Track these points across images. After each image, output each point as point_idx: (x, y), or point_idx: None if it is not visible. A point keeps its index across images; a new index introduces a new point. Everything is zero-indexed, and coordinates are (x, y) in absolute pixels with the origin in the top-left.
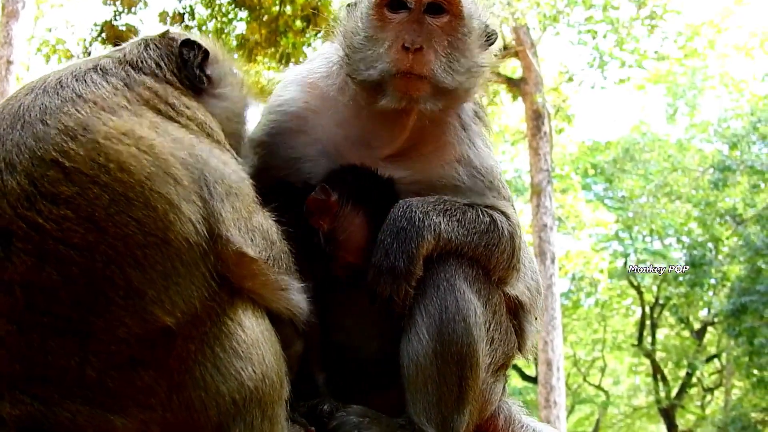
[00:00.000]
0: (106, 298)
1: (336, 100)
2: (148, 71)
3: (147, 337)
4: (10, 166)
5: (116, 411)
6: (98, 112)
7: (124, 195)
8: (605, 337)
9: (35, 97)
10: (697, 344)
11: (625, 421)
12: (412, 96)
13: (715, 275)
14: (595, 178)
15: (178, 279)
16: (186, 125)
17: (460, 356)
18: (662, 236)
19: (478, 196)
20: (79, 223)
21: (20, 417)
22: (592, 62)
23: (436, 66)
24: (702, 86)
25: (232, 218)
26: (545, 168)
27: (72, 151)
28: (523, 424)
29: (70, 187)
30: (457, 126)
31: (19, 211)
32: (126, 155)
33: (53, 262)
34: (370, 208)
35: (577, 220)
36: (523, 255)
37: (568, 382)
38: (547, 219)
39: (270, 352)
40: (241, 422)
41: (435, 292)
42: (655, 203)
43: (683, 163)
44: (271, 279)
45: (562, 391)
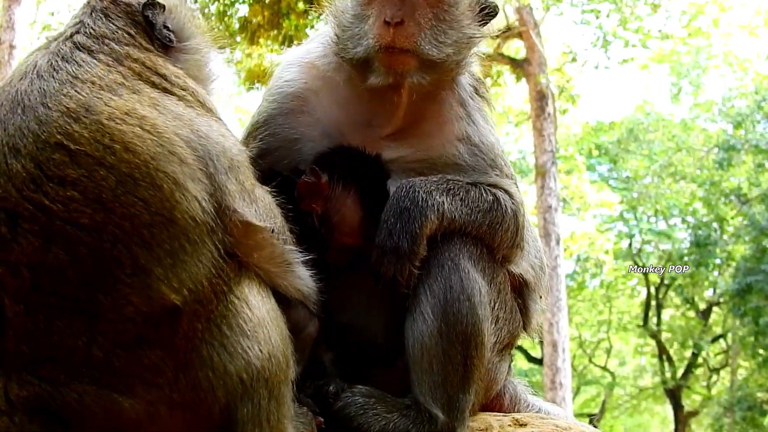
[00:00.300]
0: (113, 277)
1: (334, 80)
2: (127, 42)
3: (154, 315)
4: (14, 150)
5: (123, 391)
6: (98, 92)
7: (130, 176)
8: (611, 318)
9: (31, 81)
10: (703, 324)
11: (631, 402)
12: (397, 70)
13: (720, 255)
14: (599, 159)
15: (185, 257)
16: (182, 97)
17: (465, 336)
18: (667, 216)
19: (481, 175)
20: (87, 204)
21: (28, 398)
22: (595, 42)
23: (419, 39)
24: (706, 65)
25: (237, 190)
26: (549, 149)
27: (76, 133)
28: (528, 403)
29: (76, 169)
30: (456, 102)
31: (25, 193)
32: (131, 136)
33: (60, 243)
34: (361, 186)
35: (582, 201)
36: (526, 233)
37: (574, 363)
38: (551, 200)
39: (276, 332)
40: (248, 402)
41: (439, 272)
42: (660, 183)
43: (687, 143)
44: (278, 251)
45: (568, 372)
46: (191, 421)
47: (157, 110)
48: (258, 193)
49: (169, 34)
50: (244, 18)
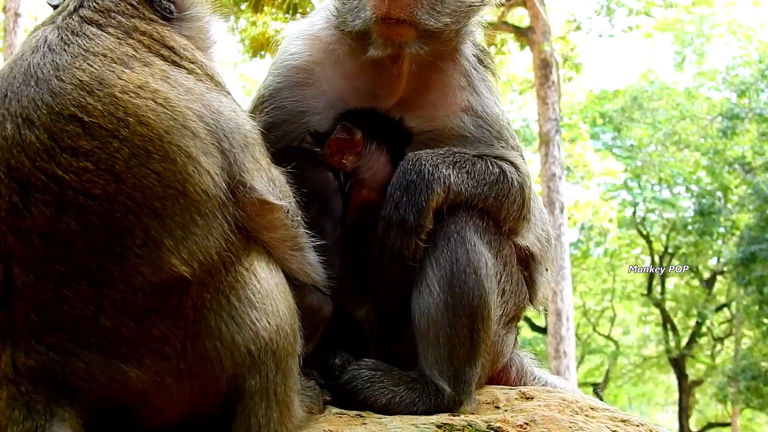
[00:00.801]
0: (124, 248)
1: (338, 52)
2: (132, 14)
3: (163, 286)
4: (27, 121)
5: (130, 361)
6: (110, 65)
7: (143, 148)
8: (614, 286)
9: (43, 55)
10: (707, 293)
11: (635, 371)
12: (395, 41)
13: (724, 224)
14: (603, 127)
15: (195, 229)
16: (191, 70)
17: (471, 308)
18: (671, 185)
19: (487, 146)
20: (99, 175)
21: (35, 367)
22: (599, 10)
23: (415, 8)
24: (710, 34)
25: (255, 168)
26: (553, 117)
27: (90, 105)
28: (535, 376)
29: (89, 141)
30: (459, 73)
31: (38, 163)
32: (144, 109)
33: (72, 212)
34: (393, 144)
35: (586, 170)
36: (533, 205)
37: (578, 332)
38: (555, 168)
39: (284, 304)
40: (256, 374)
41: (446, 245)
42: (664, 152)
43: (691, 112)
44: (291, 233)
45: (572, 341)
46: (198, 392)
47: (168, 83)
48: (274, 173)
49: (169, 5)
50: None
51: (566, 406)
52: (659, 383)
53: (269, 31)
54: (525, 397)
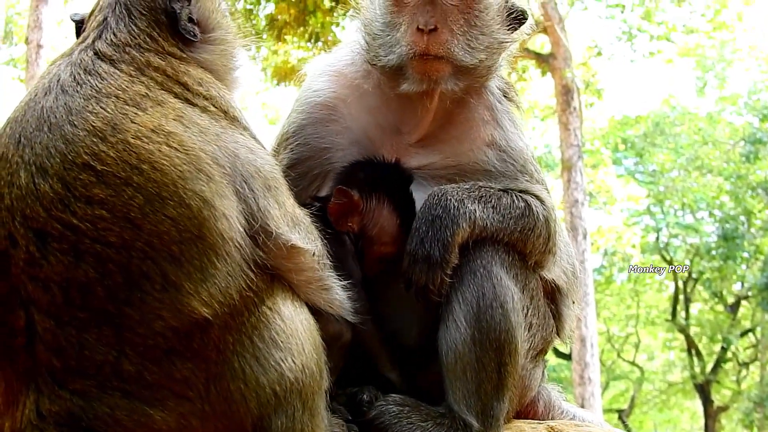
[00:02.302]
0: (143, 292)
1: (363, 88)
2: (148, 47)
3: (183, 329)
4: (41, 170)
5: (154, 404)
6: (123, 107)
7: (158, 194)
8: (638, 312)
9: (56, 97)
10: (732, 318)
11: (660, 397)
12: (432, 77)
13: (748, 248)
14: (625, 153)
15: (214, 271)
16: (205, 108)
17: (498, 343)
18: (694, 210)
19: (511, 181)
20: (115, 222)
21: (59, 413)
22: (620, 36)
23: (453, 45)
24: (731, 59)
25: (280, 214)
26: (575, 143)
27: (103, 153)
28: (562, 410)
29: (103, 189)
30: (484, 107)
31: (54, 213)
32: (158, 155)
33: (89, 260)
34: (390, 194)
35: (608, 195)
36: (558, 239)
37: (603, 358)
38: (578, 194)
39: (309, 342)
40: (282, 414)
41: (472, 279)
42: (687, 177)
43: (714, 137)
44: (318, 275)
45: (597, 367)
46: None
47: (182, 124)
48: (299, 214)
49: (193, 28)
50: (270, 15)
51: None
52: (685, 409)
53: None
54: (553, 431)
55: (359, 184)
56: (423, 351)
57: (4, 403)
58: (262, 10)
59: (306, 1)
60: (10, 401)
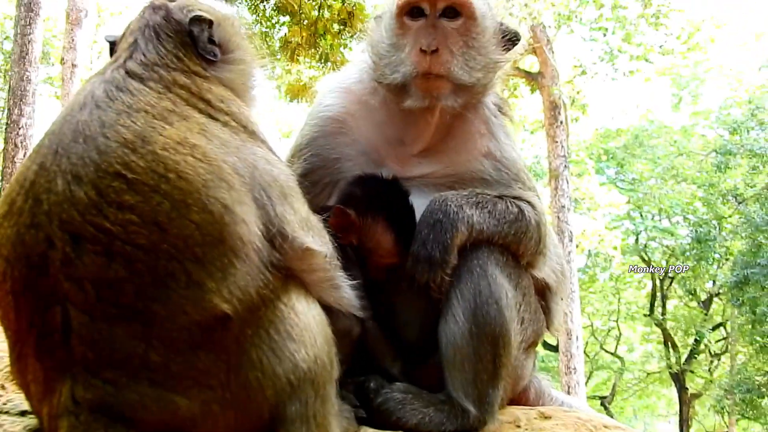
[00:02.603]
0: (169, 290)
1: (370, 104)
2: (174, 67)
3: (206, 323)
4: (76, 178)
5: (179, 391)
6: (152, 121)
7: (183, 201)
8: (619, 308)
9: (90, 111)
10: (704, 314)
11: (639, 385)
12: (434, 94)
13: (719, 250)
14: (607, 163)
15: (234, 271)
16: (226, 123)
17: (493, 336)
18: (670, 215)
19: (505, 188)
20: (143, 226)
21: (92, 400)
22: (603, 57)
23: (452, 65)
24: (704, 77)
25: (295, 219)
26: (562, 154)
27: (133, 163)
28: (552, 397)
29: (133, 195)
30: (480, 121)
31: (88, 217)
32: (183, 165)
33: (120, 260)
34: (386, 210)
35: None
36: (548, 241)
37: (587, 350)
38: (564, 201)
39: (321, 335)
40: (296, 401)
41: (469, 278)
42: (663, 185)
43: (688, 148)
44: (329, 275)
45: (581, 358)
46: (242, 419)
47: (205, 137)
48: (312, 219)
49: (213, 49)
50: (284, 38)
51: (582, 424)
52: (661, 396)
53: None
54: (544, 416)
55: (356, 202)
56: (423, 345)
57: (42, 392)
58: (276, 32)
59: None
60: (47, 390)
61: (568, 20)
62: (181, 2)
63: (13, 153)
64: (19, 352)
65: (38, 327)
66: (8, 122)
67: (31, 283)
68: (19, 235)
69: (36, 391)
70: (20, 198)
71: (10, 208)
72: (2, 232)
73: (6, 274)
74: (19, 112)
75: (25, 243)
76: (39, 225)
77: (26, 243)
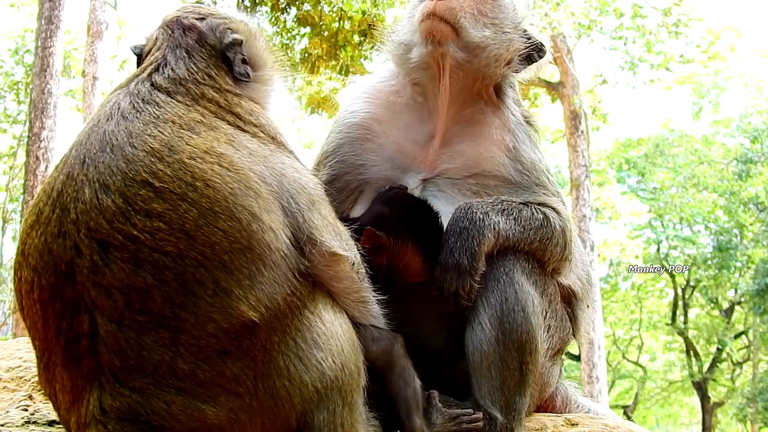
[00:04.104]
0: (196, 297)
1: (395, 105)
2: (205, 82)
3: (233, 330)
4: (104, 186)
5: (207, 400)
6: (179, 131)
7: (210, 209)
8: (641, 317)
9: (117, 122)
10: (726, 322)
11: (661, 394)
12: (435, 37)
13: (740, 258)
14: (628, 172)
15: (261, 279)
16: (255, 134)
17: (520, 343)
18: (691, 224)
19: (529, 193)
20: (171, 234)
21: (120, 408)
22: (623, 66)
23: (459, 13)
24: (724, 86)
25: (323, 224)
26: (583, 163)
27: (161, 171)
28: (578, 404)
29: (161, 203)
30: (500, 117)
31: (115, 225)
32: (210, 173)
33: (148, 268)
34: (416, 232)
35: (613, 211)
36: (574, 247)
37: (609, 359)
38: (585, 210)
39: (348, 343)
40: (323, 409)
41: (496, 285)
42: (684, 194)
43: (709, 157)
44: (356, 286)
45: (604, 367)
46: (270, 427)
47: (233, 147)
48: (339, 226)
49: (246, 69)
50: (304, 50)
51: (609, 431)
52: (684, 405)
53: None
54: (570, 423)
55: (386, 223)
56: (449, 353)
57: (70, 401)
58: (297, 44)
59: (337, 37)
60: (75, 398)
61: (589, 30)
62: (211, 22)
63: (34, 166)
64: (47, 361)
65: (66, 335)
66: (30, 135)
67: (59, 292)
68: (46, 244)
69: (64, 401)
70: (48, 208)
71: (37, 218)
72: (30, 241)
73: (34, 283)
74: (41, 125)
75: (52, 252)
76: (66, 234)
77: (54, 252)
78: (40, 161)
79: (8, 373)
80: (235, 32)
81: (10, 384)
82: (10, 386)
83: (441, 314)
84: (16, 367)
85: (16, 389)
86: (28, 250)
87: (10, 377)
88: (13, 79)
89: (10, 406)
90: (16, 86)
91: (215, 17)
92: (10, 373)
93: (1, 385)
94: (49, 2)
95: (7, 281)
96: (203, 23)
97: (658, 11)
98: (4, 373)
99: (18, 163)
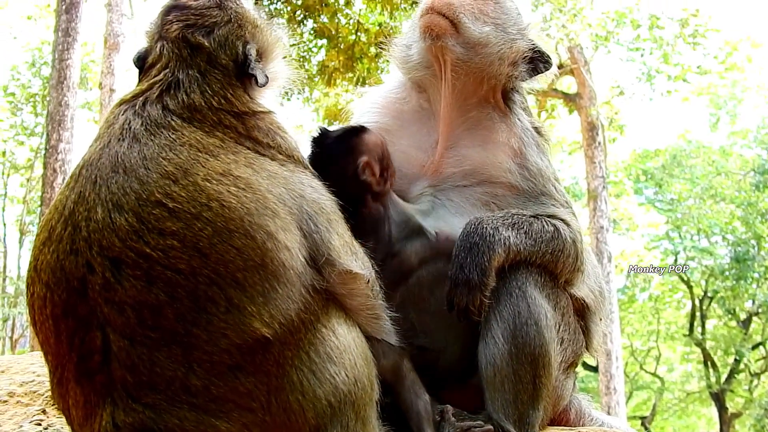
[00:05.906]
0: (209, 314)
1: (402, 114)
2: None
3: (246, 346)
4: (117, 206)
5: (220, 416)
6: (195, 155)
7: (225, 227)
8: (659, 328)
9: (129, 144)
10: (744, 333)
11: (679, 405)
12: (434, 31)
13: (758, 269)
14: (645, 183)
15: (275, 296)
16: (273, 156)
17: (533, 357)
18: (709, 235)
19: (538, 205)
20: (184, 252)
21: (132, 424)
22: (640, 77)
23: (458, 9)
24: (741, 97)
25: (340, 244)
26: (600, 175)
27: (175, 193)
28: (592, 417)
29: (175, 222)
30: (507, 122)
31: (128, 243)
32: (226, 194)
33: (160, 285)
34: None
35: (631, 222)
36: (585, 258)
37: (626, 370)
38: (603, 221)
39: (361, 357)
40: (337, 424)
41: (508, 299)
42: (702, 205)
43: (726, 168)
44: (370, 303)
45: (621, 378)
46: None
47: (252, 169)
48: (355, 245)
49: (263, 74)
50: (321, 62)
51: None
52: (701, 416)
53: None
54: None
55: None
56: (463, 366)
57: (83, 416)
58: (314, 57)
59: (354, 49)
60: (88, 413)
61: (606, 41)
62: (219, 37)
63: (51, 178)
64: (60, 376)
65: (78, 351)
66: (47, 147)
67: (71, 308)
68: (58, 260)
69: (77, 416)
70: (60, 225)
71: (49, 235)
72: (42, 258)
73: (46, 299)
74: (58, 137)
75: (64, 268)
76: (78, 251)
77: (66, 268)
78: (58, 173)
79: (22, 388)
80: (243, 36)
81: (23, 398)
82: (24, 401)
83: (455, 328)
84: (30, 381)
85: (30, 404)
86: (40, 266)
87: (23, 392)
88: (30, 91)
89: (24, 420)
90: (33, 98)
91: (220, 26)
92: (23, 387)
93: (15, 400)
94: (66, 15)
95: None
96: (210, 40)
97: (675, 22)
98: (18, 387)
99: (35, 176)
